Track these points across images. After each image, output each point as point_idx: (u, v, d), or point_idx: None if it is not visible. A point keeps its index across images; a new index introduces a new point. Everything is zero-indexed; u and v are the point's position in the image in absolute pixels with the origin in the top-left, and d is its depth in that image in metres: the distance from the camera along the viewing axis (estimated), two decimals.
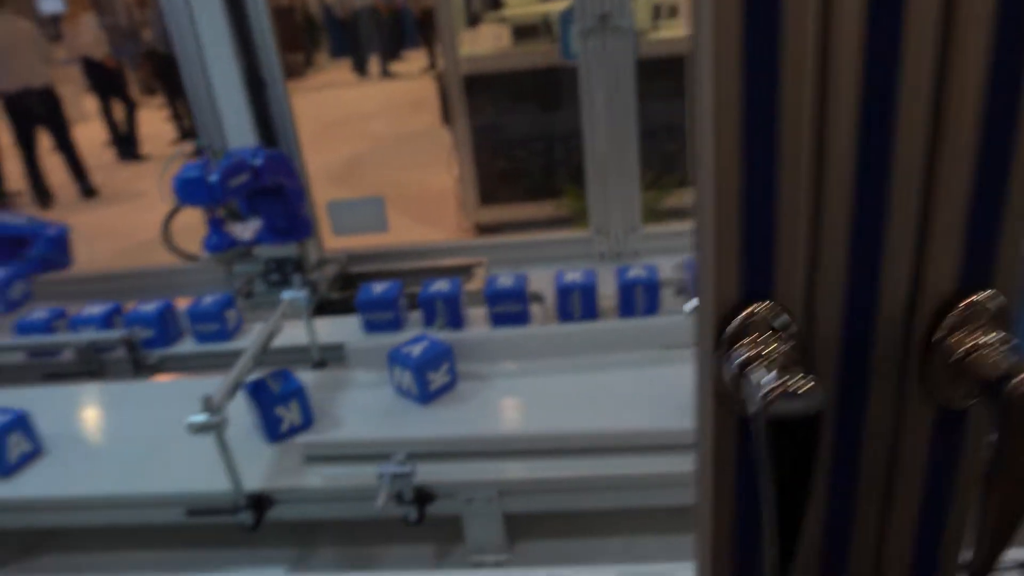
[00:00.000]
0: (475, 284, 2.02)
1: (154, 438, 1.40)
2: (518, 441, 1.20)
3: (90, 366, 1.74)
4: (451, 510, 1.21)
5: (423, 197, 5.75)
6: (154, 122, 9.61)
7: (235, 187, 1.56)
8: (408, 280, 2.11)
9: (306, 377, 1.54)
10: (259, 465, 1.26)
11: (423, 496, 1.18)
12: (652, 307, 1.65)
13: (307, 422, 1.35)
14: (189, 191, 1.52)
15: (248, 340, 1.53)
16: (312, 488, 1.22)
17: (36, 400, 1.58)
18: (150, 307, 1.78)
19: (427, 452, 1.18)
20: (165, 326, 1.77)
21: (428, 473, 1.16)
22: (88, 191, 7.08)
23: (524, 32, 4.60)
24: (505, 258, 2.25)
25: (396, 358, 1.35)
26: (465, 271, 2.10)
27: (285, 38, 1.93)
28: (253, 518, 1.21)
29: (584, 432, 1.20)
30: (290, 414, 1.32)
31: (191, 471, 1.28)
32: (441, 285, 1.66)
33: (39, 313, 1.83)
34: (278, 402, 1.31)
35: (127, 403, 1.53)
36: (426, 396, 1.34)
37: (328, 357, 1.62)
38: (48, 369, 1.80)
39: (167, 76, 8.30)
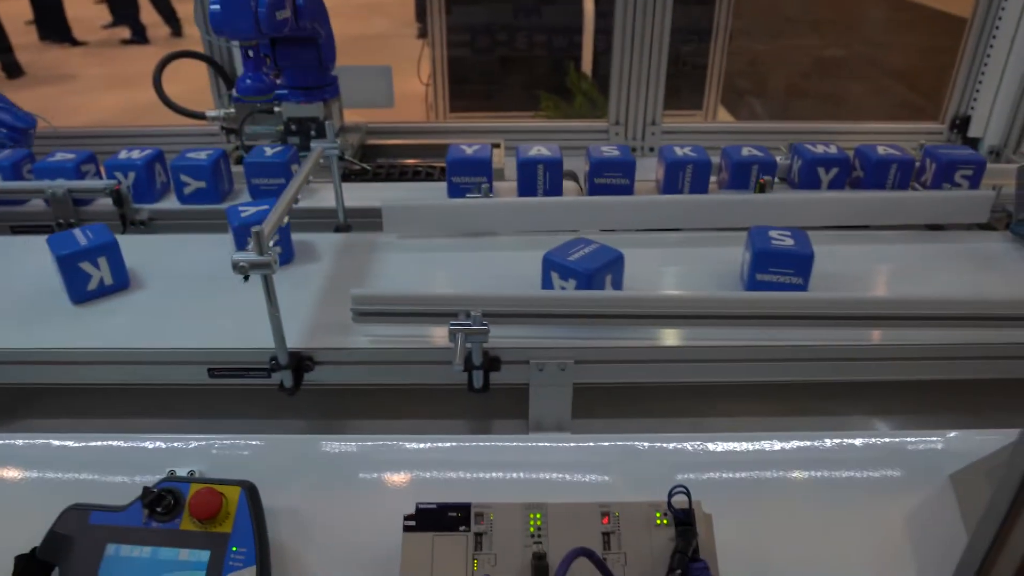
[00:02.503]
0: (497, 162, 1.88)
1: (160, 292, 1.24)
2: (593, 303, 1.08)
3: (66, 218, 1.53)
4: (515, 379, 1.10)
5: None
6: (81, 4, 8.86)
7: (279, 21, 1.35)
8: (427, 157, 1.95)
9: (332, 240, 1.40)
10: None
11: (491, 361, 1.07)
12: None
13: (120, 284, 1.22)
14: (230, 17, 1.30)
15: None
16: (359, 348, 1.09)
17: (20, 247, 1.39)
18: (136, 155, 1.57)
19: (496, 312, 1.06)
20: (152, 179, 1.57)
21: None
22: (12, 68, 6.49)
23: None
24: (520, 141, 2.10)
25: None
26: None
27: None
28: (293, 379, 1.07)
29: (658, 296, 1.09)
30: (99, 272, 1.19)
31: (207, 327, 1.13)
32: (540, 150, 1.52)
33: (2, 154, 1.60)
34: (84, 258, 1.17)
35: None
36: None
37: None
38: (13, 220, 1.58)
39: None
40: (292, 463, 0.96)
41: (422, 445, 0.98)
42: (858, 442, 0.97)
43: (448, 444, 0.99)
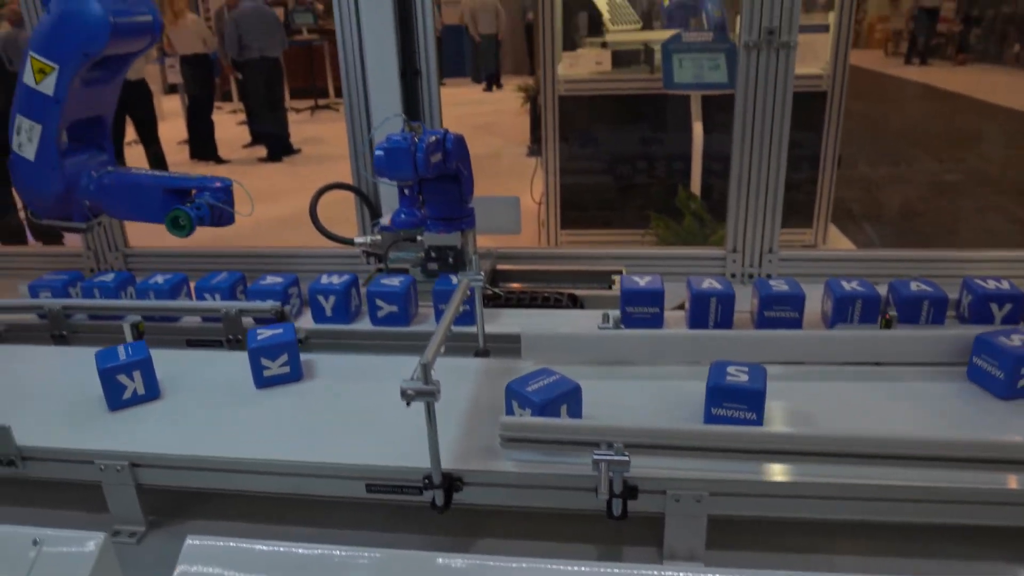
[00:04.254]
0: (615, 291, 1.98)
1: (318, 409, 1.37)
2: (732, 439, 1.13)
3: (235, 334, 1.71)
4: (650, 508, 1.14)
5: None
6: (227, 126, 9.82)
7: (433, 164, 1.53)
8: (551, 282, 2.08)
9: (474, 365, 1.50)
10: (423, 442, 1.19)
11: (630, 490, 1.12)
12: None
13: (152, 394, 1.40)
14: (393, 162, 1.49)
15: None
16: (507, 472, 1.17)
17: (186, 361, 1.56)
18: (277, 280, 1.75)
19: (636, 443, 1.12)
20: (288, 300, 1.74)
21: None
22: None
23: (623, 58, 4.60)
24: (636, 269, 2.20)
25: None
26: (604, 277, 2.05)
27: None
28: (444, 498, 1.16)
29: (794, 434, 1.13)
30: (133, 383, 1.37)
31: (365, 445, 1.23)
32: (712, 283, 1.59)
33: (157, 277, 1.82)
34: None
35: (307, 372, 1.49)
36: None
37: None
38: (190, 335, 1.78)
39: (248, 82, 8.44)
40: None
41: (559, 567, 1.03)
42: None
43: (583, 568, 1.03)
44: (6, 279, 2.79)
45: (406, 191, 1.63)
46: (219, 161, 8.43)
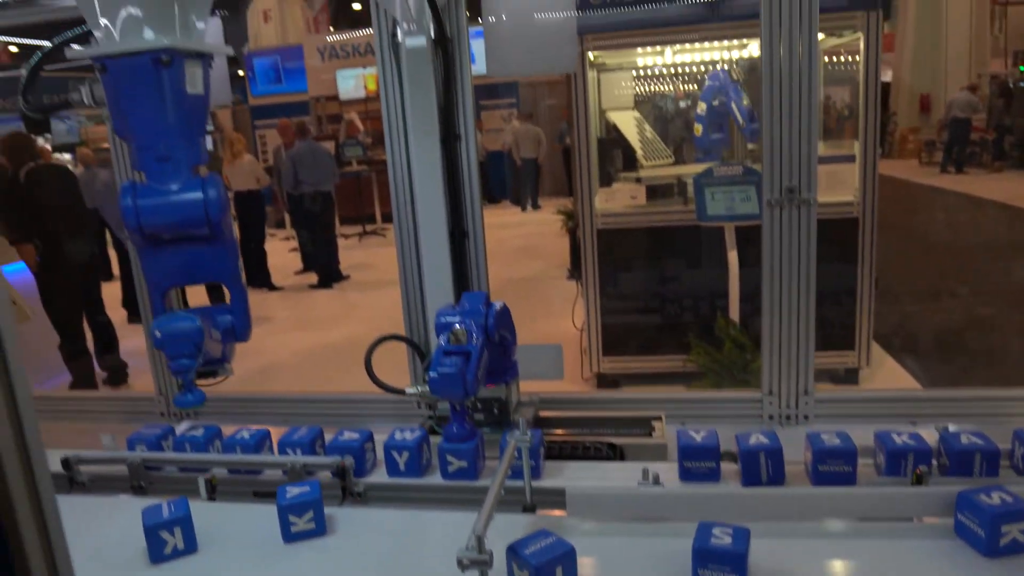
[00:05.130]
0: (657, 438, 2.06)
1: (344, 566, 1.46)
2: None
3: None
4: None
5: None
6: (280, 252, 10.29)
7: (482, 374, 1.67)
8: (592, 427, 2.18)
9: (522, 521, 1.59)
10: None
11: None
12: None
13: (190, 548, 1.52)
14: (446, 386, 1.63)
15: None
16: None
17: (226, 513, 1.68)
18: (354, 435, 1.88)
19: None
20: (364, 455, 1.86)
21: None
22: None
23: (657, 192, 4.83)
24: (675, 414, 2.29)
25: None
26: (643, 423, 2.15)
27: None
28: None
29: None
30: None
31: None
32: (759, 438, 1.66)
33: (243, 433, 1.96)
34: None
35: (347, 528, 1.59)
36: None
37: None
38: (256, 486, 1.91)
39: (302, 213, 8.92)
40: None
41: None
42: None
43: None
44: (82, 423, 2.98)
45: (458, 407, 1.76)
46: (272, 288, 8.81)
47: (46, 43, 2.04)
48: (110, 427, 2.81)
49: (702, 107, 5.02)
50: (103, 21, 1.74)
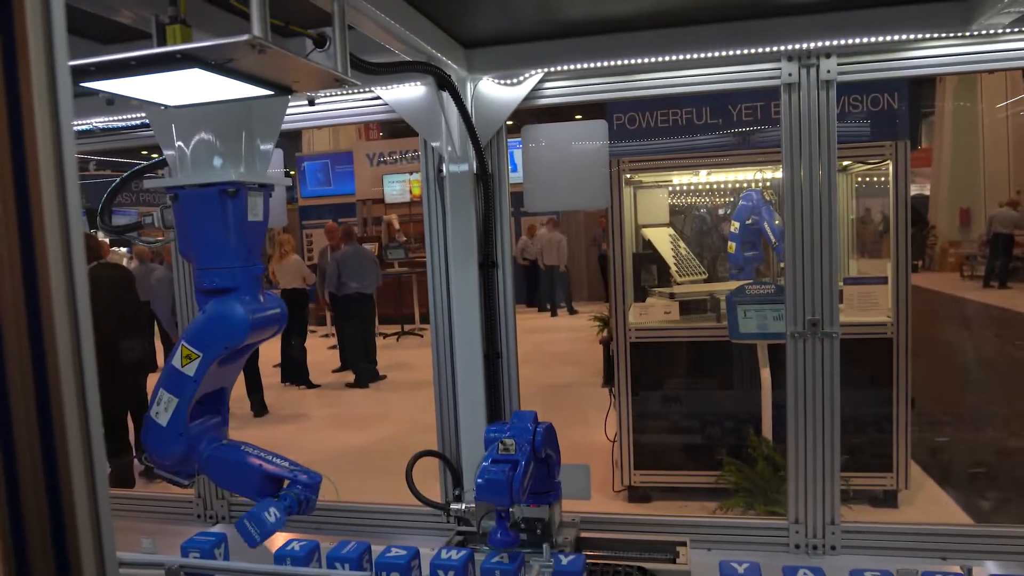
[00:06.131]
0: (680, 565, 2.08)
1: None
2: None
3: None
4: None
5: (572, 455, 5.88)
6: (319, 349, 10.50)
7: (527, 484, 1.75)
8: (618, 551, 2.20)
9: None
10: None
11: None
12: None
13: None
14: (492, 492, 1.71)
15: None
16: None
17: None
18: (401, 552, 1.94)
19: None
20: (410, 572, 1.92)
21: None
22: (260, 408, 7.67)
23: (691, 307, 4.92)
24: (700, 539, 2.30)
25: None
26: (668, 548, 2.16)
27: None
28: None
29: None
30: None
31: None
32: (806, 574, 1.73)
33: (293, 544, 2.03)
34: None
35: None
36: None
37: None
38: None
39: (342, 314, 9.16)
40: None
41: None
42: None
43: None
44: (121, 520, 3.07)
45: (503, 514, 1.84)
46: (309, 386, 8.95)
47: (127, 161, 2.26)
48: (148, 527, 2.90)
49: (735, 226, 5.17)
50: (177, 153, 1.93)
